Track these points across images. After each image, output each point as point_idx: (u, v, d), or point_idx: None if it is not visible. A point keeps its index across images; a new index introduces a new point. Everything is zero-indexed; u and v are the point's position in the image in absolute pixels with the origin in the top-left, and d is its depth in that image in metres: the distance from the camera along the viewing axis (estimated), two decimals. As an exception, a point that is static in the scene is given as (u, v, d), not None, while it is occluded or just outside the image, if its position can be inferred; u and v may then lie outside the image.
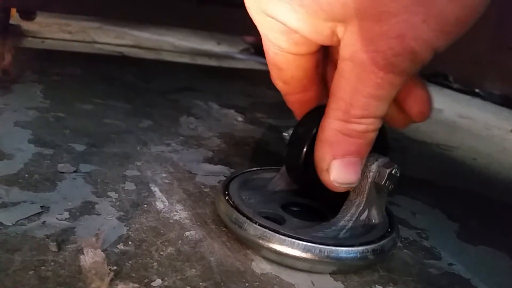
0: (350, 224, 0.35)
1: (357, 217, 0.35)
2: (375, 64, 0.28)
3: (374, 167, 0.34)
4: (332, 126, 0.31)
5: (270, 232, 0.32)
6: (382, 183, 0.34)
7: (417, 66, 0.28)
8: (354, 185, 0.33)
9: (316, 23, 0.29)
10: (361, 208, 0.35)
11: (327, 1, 0.28)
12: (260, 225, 0.32)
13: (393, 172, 0.34)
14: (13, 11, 1.21)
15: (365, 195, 0.35)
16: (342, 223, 0.35)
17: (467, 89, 1.46)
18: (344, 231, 0.34)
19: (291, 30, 0.31)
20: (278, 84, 0.37)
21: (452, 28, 0.27)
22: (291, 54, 0.33)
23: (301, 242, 0.31)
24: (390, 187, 0.35)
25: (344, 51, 0.29)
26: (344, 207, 0.35)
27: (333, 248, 0.31)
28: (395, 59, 0.27)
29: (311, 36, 0.31)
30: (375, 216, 0.36)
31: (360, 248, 0.32)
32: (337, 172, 0.31)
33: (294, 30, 0.30)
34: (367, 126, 0.30)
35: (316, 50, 0.33)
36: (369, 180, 0.34)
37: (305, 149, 0.35)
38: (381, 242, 0.33)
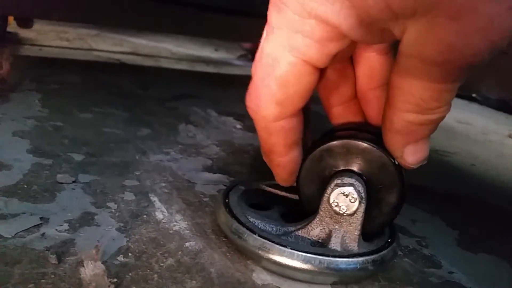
0: (297, 233, 0.35)
1: (307, 230, 0.34)
2: (449, 63, 0.26)
3: (332, 184, 0.33)
4: (403, 119, 0.30)
5: (270, 243, 0.32)
6: (328, 200, 0.33)
7: (493, 54, 0.26)
8: (426, 160, 0.33)
9: (366, 20, 0.27)
10: (311, 223, 0.34)
11: None
12: (260, 235, 0.32)
13: (343, 192, 0.33)
14: (11, 18, 1.21)
15: (318, 212, 0.34)
16: (291, 228, 0.35)
17: (464, 94, 1.47)
18: (288, 236, 0.35)
19: (331, 33, 0.28)
20: (269, 105, 0.32)
21: None
22: (309, 66, 0.30)
23: (300, 253, 0.31)
24: (340, 209, 0.33)
25: (410, 49, 0.27)
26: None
27: (333, 259, 0.31)
28: (472, 56, 0.25)
29: (356, 34, 0.28)
30: (333, 242, 0.33)
31: (360, 259, 0.32)
32: (412, 156, 0.32)
33: (338, 28, 0.28)
34: (441, 114, 0.30)
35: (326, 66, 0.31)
36: (323, 197, 0.34)
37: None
38: (382, 253, 0.33)
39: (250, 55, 1.61)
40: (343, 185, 0.33)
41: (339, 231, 0.33)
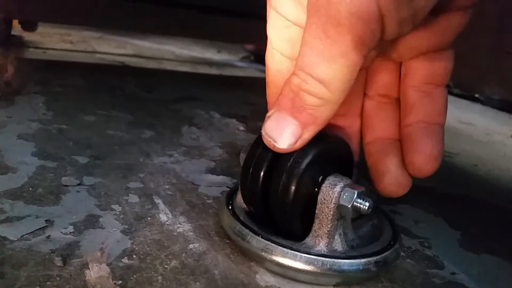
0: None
1: None
2: (313, 7, 0.26)
3: None
4: (288, 77, 0.30)
5: (273, 244, 0.32)
6: None
7: (356, 21, 0.25)
8: (277, 145, 0.30)
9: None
10: None
11: None
12: (263, 237, 0.32)
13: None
14: (15, 22, 1.22)
15: None
16: None
17: (467, 94, 1.47)
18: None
19: (275, 16, 0.31)
20: (267, 87, 0.36)
21: None
22: (276, 51, 0.33)
23: (303, 255, 0.31)
24: None
25: None
26: None
27: (336, 260, 0.31)
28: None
29: (289, 12, 0.30)
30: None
31: (363, 260, 0.32)
32: (269, 121, 0.30)
33: (274, 7, 0.31)
34: (301, 82, 0.28)
35: None
36: None
37: (262, 173, 0.33)
38: (384, 254, 0.33)
39: (253, 56, 1.61)
40: None
41: None
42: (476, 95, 1.45)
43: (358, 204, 0.31)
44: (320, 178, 0.32)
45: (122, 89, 0.85)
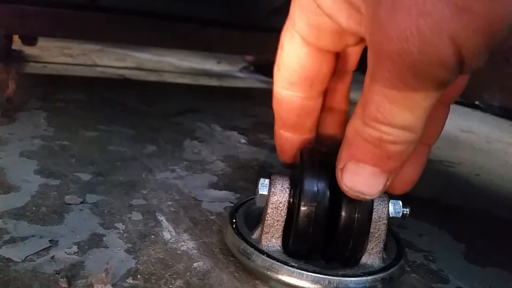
0: None
1: None
2: (383, 53, 0.23)
3: None
4: (352, 124, 0.27)
5: (279, 263, 0.32)
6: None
7: (438, 68, 0.22)
8: (366, 196, 0.29)
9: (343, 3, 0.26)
10: None
11: None
12: (268, 256, 0.32)
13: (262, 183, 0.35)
14: (15, 36, 1.23)
15: None
16: None
17: (467, 101, 1.47)
18: None
19: (323, 15, 0.28)
20: (275, 67, 0.33)
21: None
22: (303, 41, 0.31)
23: (310, 274, 0.31)
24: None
25: (366, 34, 0.25)
26: None
27: (342, 279, 0.31)
28: (404, 46, 0.22)
29: (337, 17, 0.27)
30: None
31: (369, 278, 0.32)
32: (349, 175, 0.28)
33: (327, 13, 0.28)
34: (382, 135, 0.26)
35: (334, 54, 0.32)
36: None
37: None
38: (390, 271, 0.33)
39: (252, 66, 1.62)
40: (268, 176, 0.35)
41: None
42: (476, 102, 1.45)
43: (405, 212, 0.33)
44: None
45: (124, 104, 0.85)
